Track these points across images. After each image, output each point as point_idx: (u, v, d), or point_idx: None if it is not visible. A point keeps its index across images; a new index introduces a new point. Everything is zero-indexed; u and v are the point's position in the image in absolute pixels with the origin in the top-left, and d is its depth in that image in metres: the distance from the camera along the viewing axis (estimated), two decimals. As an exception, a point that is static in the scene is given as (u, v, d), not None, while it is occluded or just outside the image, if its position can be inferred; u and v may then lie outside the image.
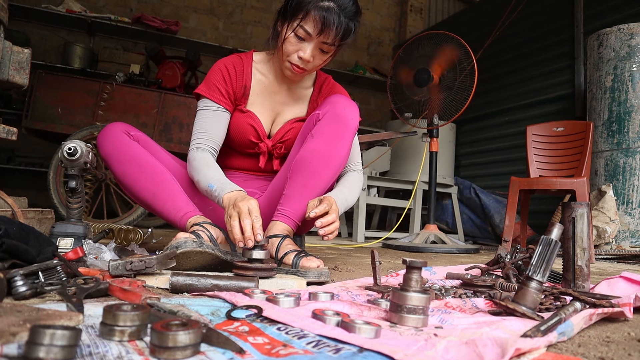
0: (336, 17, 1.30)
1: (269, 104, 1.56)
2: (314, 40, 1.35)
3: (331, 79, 1.65)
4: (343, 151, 1.39)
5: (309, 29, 1.32)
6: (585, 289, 1.09)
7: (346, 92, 1.62)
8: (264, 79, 1.55)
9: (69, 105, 3.38)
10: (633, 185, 2.75)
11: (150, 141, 1.49)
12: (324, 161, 1.36)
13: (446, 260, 2.19)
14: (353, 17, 1.35)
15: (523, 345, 0.57)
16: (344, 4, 1.32)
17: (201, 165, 1.36)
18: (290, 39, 1.36)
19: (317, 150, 1.35)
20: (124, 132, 1.40)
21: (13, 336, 0.50)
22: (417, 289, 0.75)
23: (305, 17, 1.31)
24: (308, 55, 1.36)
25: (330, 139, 1.36)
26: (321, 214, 1.22)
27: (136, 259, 0.95)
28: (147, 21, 4.47)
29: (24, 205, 1.74)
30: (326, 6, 1.30)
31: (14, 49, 1.64)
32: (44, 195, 3.57)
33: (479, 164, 4.58)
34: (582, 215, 1.12)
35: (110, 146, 1.37)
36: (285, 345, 0.59)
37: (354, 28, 1.36)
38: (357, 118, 1.41)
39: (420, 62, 3.10)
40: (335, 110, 1.37)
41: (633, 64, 2.78)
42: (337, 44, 1.37)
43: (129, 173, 1.37)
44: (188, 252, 1.05)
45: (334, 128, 1.36)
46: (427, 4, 6.61)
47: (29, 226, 0.97)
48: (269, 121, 1.57)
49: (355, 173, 1.55)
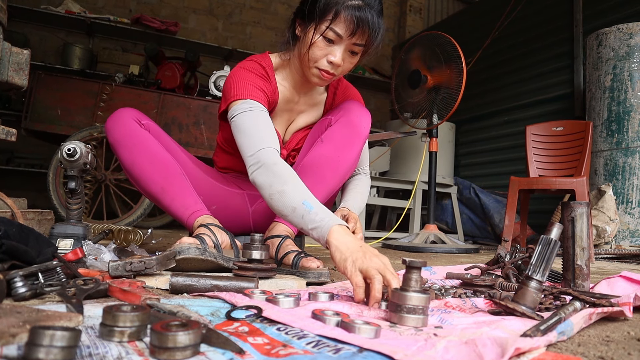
0: (369, 15, 1.21)
1: (287, 114, 1.50)
2: (345, 42, 1.25)
3: (344, 79, 1.58)
4: (352, 158, 1.37)
5: (339, 30, 1.22)
6: (585, 288, 1.09)
7: (359, 94, 1.58)
8: (283, 88, 1.45)
9: (69, 106, 3.38)
10: (632, 184, 2.75)
11: (161, 132, 1.42)
12: (333, 166, 1.34)
13: (446, 260, 2.19)
14: (380, 14, 1.25)
15: (523, 344, 0.57)
16: (371, 1, 1.23)
17: (290, 176, 1.10)
18: (318, 43, 1.25)
19: (326, 155, 1.33)
20: (134, 119, 1.33)
21: (13, 337, 0.50)
22: (417, 288, 0.75)
23: (335, 18, 1.21)
24: (339, 59, 1.25)
25: (340, 145, 1.34)
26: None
27: (136, 259, 0.95)
28: (147, 22, 4.47)
29: (23, 206, 1.74)
30: (356, 5, 1.20)
31: (13, 50, 1.64)
32: (43, 197, 3.57)
33: (479, 164, 4.59)
34: (582, 214, 1.12)
35: (120, 132, 1.31)
36: (285, 345, 0.59)
37: (382, 25, 1.27)
38: (369, 126, 1.40)
39: (414, 64, 3.12)
40: (349, 117, 1.36)
41: (632, 64, 2.79)
42: (370, 45, 1.27)
43: (138, 163, 1.31)
44: (189, 258, 1.05)
45: (346, 135, 1.34)
46: (426, 4, 6.61)
47: (28, 227, 0.97)
48: (283, 129, 1.53)
49: (364, 177, 1.56)
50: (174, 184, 1.32)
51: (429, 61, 3.05)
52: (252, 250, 1.06)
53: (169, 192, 1.31)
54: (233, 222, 1.50)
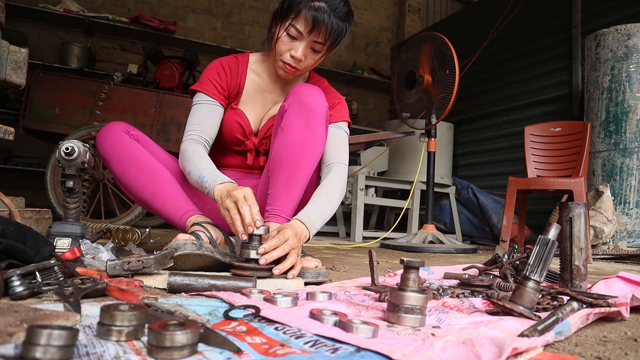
0: (327, 16, 1.33)
1: (260, 103, 1.58)
2: (306, 40, 1.38)
3: (325, 82, 1.65)
4: (316, 137, 1.36)
5: (300, 27, 1.35)
6: (583, 288, 1.09)
7: (341, 96, 1.61)
8: (257, 78, 1.58)
9: (67, 105, 3.37)
10: (630, 185, 2.75)
11: (149, 141, 1.50)
12: (300, 151, 1.34)
13: (444, 260, 2.19)
14: (344, 18, 1.37)
15: (520, 344, 0.58)
16: (334, 4, 1.35)
17: (193, 157, 1.36)
18: (282, 38, 1.39)
19: (290, 142, 1.34)
20: (124, 131, 1.40)
21: (10, 336, 0.50)
22: (415, 288, 0.75)
23: (296, 16, 1.35)
24: (300, 54, 1.39)
25: (300, 128, 1.34)
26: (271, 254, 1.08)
27: (134, 259, 0.95)
28: (145, 21, 4.47)
29: (21, 205, 1.73)
30: (317, 6, 1.33)
31: (11, 49, 1.63)
32: (41, 195, 3.56)
33: (477, 164, 4.59)
34: (580, 215, 1.12)
35: (110, 145, 1.37)
36: (283, 345, 0.59)
37: (346, 29, 1.38)
38: (323, 103, 1.38)
39: (410, 65, 3.13)
40: (300, 98, 1.36)
41: (630, 65, 2.79)
42: (328, 44, 1.39)
43: (129, 172, 1.37)
44: (187, 254, 1.05)
45: (302, 116, 1.35)
46: (425, 4, 6.61)
47: (26, 226, 0.97)
48: (258, 118, 1.58)
49: (334, 174, 1.43)
50: (164, 188, 1.37)
51: (428, 61, 3.06)
52: (250, 249, 1.06)
53: (160, 196, 1.36)
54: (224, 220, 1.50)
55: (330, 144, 1.47)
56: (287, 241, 1.12)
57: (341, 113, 1.56)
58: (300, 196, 1.38)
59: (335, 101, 1.57)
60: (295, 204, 1.36)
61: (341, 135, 1.52)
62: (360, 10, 6.36)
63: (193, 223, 1.29)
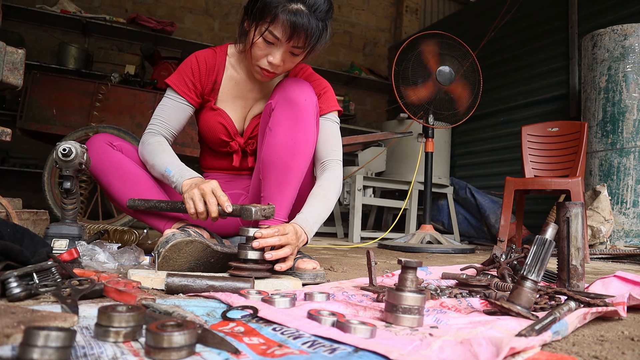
0: (306, 20, 1.22)
1: (241, 101, 1.50)
2: (284, 46, 1.27)
3: (309, 68, 1.54)
4: (307, 136, 1.30)
5: (277, 34, 1.24)
6: (580, 288, 1.09)
7: (325, 81, 1.51)
8: (235, 74, 1.49)
9: (64, 106, 3.36)
10: (627, 185, 2.76)
11: (133, 149, 1.47)
12: (290, 152, 1.28)
13: (442, 261, 2.19)
14: (325, 17, 1.27)
15: (518, 344, 0.58)
16: (314, 4, 1.23)
17: (157, 150, 1.35)
18: (258, 43, 1.28)
19: (279, 143, 1.28)
20: (106, 143, 1.40)
21: (7, 338, 0.50)
22: (413, 289, 0.75)
23: (273, 21, 1.23)
24: (278, 61, 1.29)
25: (289, 127, 1.28)
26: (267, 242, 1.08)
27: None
28: (143, 22, 4.46)
29: (18, 206, 1.73)
30: (295, 9, 1.22)
31: (8, 50, 1.63)
32: (38, 197, 3.55)
33: (475, 164, 4.60)
34: (577, 215, 1.12)
35: (95, 158, 1.38)
36: (281, 345, 0.59)
37: (326, 28, 1.29)
38: (311, 98, 1.31)
39: (424, 59, 3.12)
40: (286, 95, 1.30)
41: (627, 65, 2.80)
42: (308, 48, 1.29)
43: (113, 184, 1.38)
44: (178, 243, 1.05)
45: (290, 114, 1.28)
46: (422, 4, 6.62)
47: (23, 227, 0.96)
48: (241, 118, 1.51)
49: (330, 172, 1.39)
50: (148, 197, 1.37)
51: (437, 59, 3.05)
52: (248, 250, 1.06)
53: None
54: (218, 223, 1.47)
55: (322, 139, 1.40)
56: (285, 235, 1.12)
57: (329, 103, 1.46)
58: (294, 197, 1.35)
59: (321, 90, 1.46)
60: (289, 206, 1.34)
61: (332, 128, 1.44)
62: (357, 10, 6.37)
63: (178, 227, 1.32)
